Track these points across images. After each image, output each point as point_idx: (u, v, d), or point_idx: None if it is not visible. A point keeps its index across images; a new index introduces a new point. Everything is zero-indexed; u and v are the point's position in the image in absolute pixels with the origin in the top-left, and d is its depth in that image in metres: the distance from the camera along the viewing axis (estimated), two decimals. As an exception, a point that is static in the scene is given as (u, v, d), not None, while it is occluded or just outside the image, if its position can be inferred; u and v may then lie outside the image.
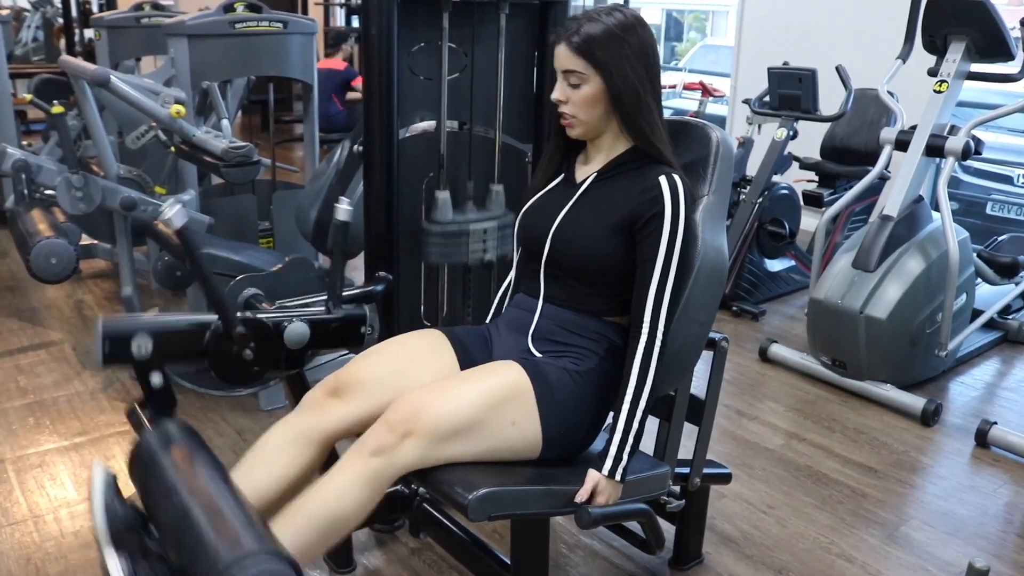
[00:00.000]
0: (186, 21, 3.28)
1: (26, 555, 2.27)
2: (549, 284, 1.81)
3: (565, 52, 1.69)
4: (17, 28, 8.38)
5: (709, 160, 1.83)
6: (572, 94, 1.72)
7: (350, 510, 1.58)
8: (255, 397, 3.05)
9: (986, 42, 3.28)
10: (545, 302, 1.81)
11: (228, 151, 2.72)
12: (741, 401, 3.30)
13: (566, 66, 1.70)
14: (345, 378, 1.76)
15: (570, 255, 1.76)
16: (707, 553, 2.33)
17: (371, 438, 1.60)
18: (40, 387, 3.23)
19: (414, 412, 1.60)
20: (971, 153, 3.30)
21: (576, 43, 1.67)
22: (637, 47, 1.69)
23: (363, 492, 1.58)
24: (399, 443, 1.58)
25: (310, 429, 1.73)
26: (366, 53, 2.34)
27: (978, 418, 3.06)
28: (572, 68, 1.69)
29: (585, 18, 1.69)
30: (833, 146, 4.60)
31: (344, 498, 1.57)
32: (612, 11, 1.71)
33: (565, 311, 1.79)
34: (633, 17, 1.71)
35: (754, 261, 4.35)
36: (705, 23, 17.27)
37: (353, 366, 1.79)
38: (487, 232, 2.58)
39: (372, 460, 1.58)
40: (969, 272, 3.49)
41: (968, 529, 2.51)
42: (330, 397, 1.75)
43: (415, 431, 1.58)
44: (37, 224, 2.94)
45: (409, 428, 1.58)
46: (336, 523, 1.58)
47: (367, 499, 1.59)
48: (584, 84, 1.70)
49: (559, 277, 1.80)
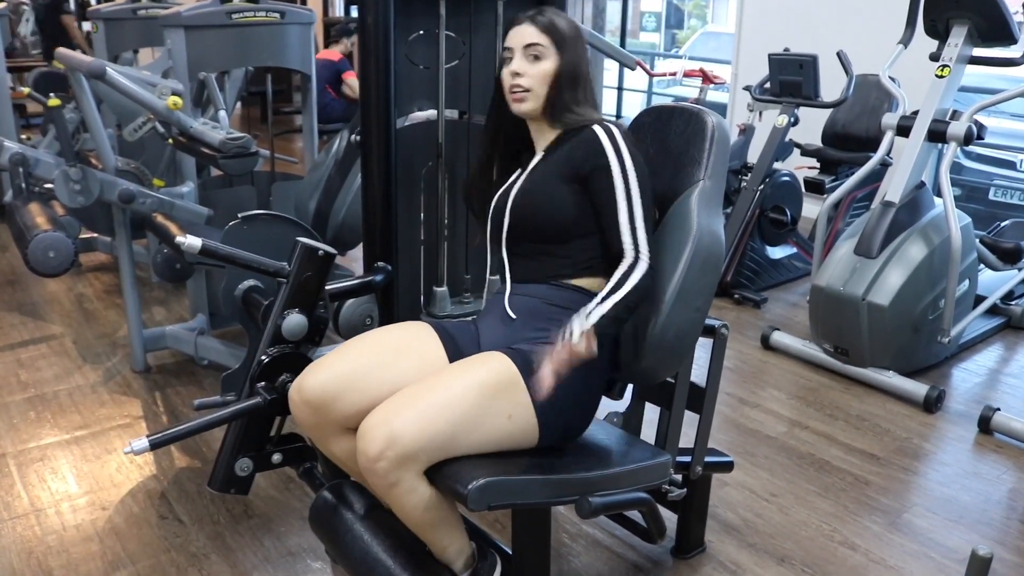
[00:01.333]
0: (182, 12, 3.26)
1: (28, 549, 2.27)
2: (516, 262, 1.85)
3: (531, 29, 1.81)
4: (15, 22, 8.35)
5: (704, 145, 1.83)
6: (531, 67, 1.80)
7: (424, 505, 1.65)
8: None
9: (988, 26, 3.26)
10: (514, 281, 1.84)
11: (225, 142, 2.70)
12: (743, 389, 3.30)
13: (529, 40, 1.80)
14: (316, 392, 1.74)
15: (528, 219, 1.81)
16: (709, 541, 2.33)
17: (373, 477, 1.60)
18: (41, 381, 3.23)
19: (388, 440, 1.57)
20: (973, 138, 3.28)
21: (542, 21, 1.81)
22: (581, 35, 1.87)
23: (413, 498, 1.63)
24: (394, 470, 1.58)
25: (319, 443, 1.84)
26: (363, 42, 2.33)
27: (981, 404, 3.05)
28: (536, 42, 1.80)
29: (547, 10, 1.85)
30: (834, 132, 4.58)
31: (412, 509, 1.65)
32: (562, 12, 1.90)
33: (537, 285, 1.81)
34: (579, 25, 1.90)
35: (756, 248, 4.34)
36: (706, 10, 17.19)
37: (332, 363, 1.78)
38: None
39: (392, 491, 1.61)
40: (972, 258, 3.48)
41: (971, 516, 2.51)
42: (313, 413, 1.76)
43: (392, 458, 1.57)
44: (35, 217, 2.94)
45: (387, 457, 1.57)
46: (430, 517, 1.67)
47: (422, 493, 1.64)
48: (544, 58, 1.80)
49: (525, 252, 1.83)
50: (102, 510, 2.43)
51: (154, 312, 3.90)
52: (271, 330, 2.13)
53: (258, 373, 2.10)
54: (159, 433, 1.99)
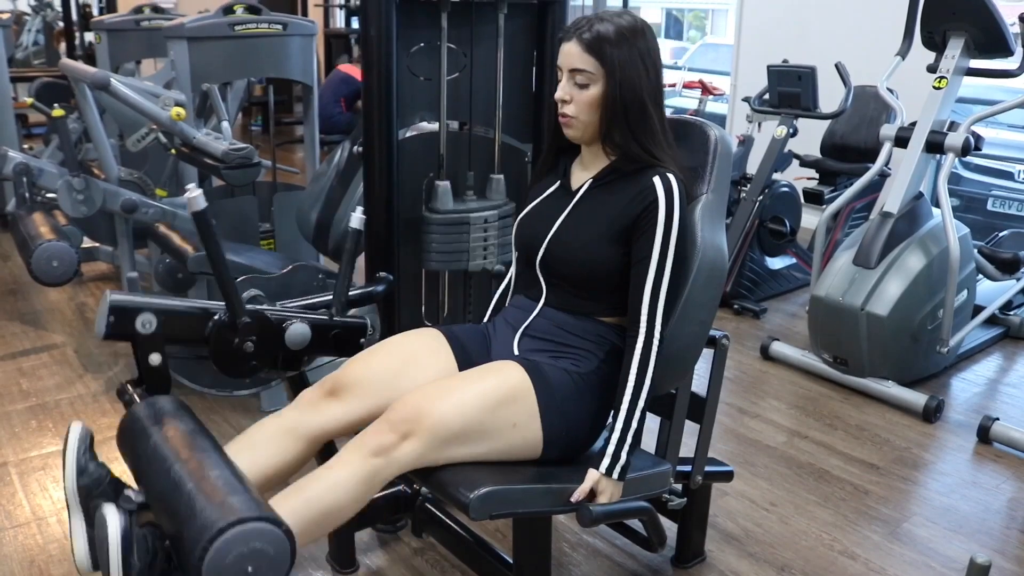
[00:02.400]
0: (186, 23, 3.29)
1: (30, 557, 2.27)
2: (549, 289, 1.82)
3: (576, 50, 1.67)
4: (18, 32, 8.38)
5: (707, 159, 1.83)
6: (577, 94, 1.70)
7: (344, 503, 1.59)
8: (257, 398, 3.05)
9: (985, 38, 3.28)
10: (545, 305, 1.82)
11: (228, 153, 2.72)
12: (743, 399, 3.30)
13: (575, 65, 1.68)
14: (343, 379, 1.77)
15: (566, 262, 1.77)
16: (709, 551, 2.33)
17: (371, 436, 1.60)
18: (42, 390, 3.24)
19: (416, 413, 1.60)
20: (971, 149, 3.30)
21: (587, 40, 1.65)
22: (645, 51, 1.69)
23: (359, 488, 1.59)
24: (399, 443, 1.58)
25: (301, 426, 1.74)
26: (365, 54, 2.35)
27: (980, 414, 3.06)
28: (581, 67, 1.67)
29: (596, 18, 1.68)
30: (833, 143, 4.60)
31: (339, 491, 1.58)
32: (622, 14, 1.71)
33: (563, 314, 1.79)
34: (641, 22, 1.71)
35: (755, 259, 4.35)
36: (705, 21, 17.27)
37: (351, 366, 1.80)
38: (488, 221, 2.57)
39: (371, 459, 1.58)
40: (970, 268, 3.49)
41: (971, 525, 2.51)
42: (326, 397, 1.76)
43: (416, 432, 1.59)
44: (39, 227, 2.95)
45: (410, 428, 1.59)
46: (329, 514, 1.59)
47: (362, 495, 1.60)
48: (592, 84, 1.68)
49: (555, 283, 1.80)
50: (104, 519, 2.44)
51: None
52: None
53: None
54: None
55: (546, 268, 1.80)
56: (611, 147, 1.75)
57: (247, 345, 1.82)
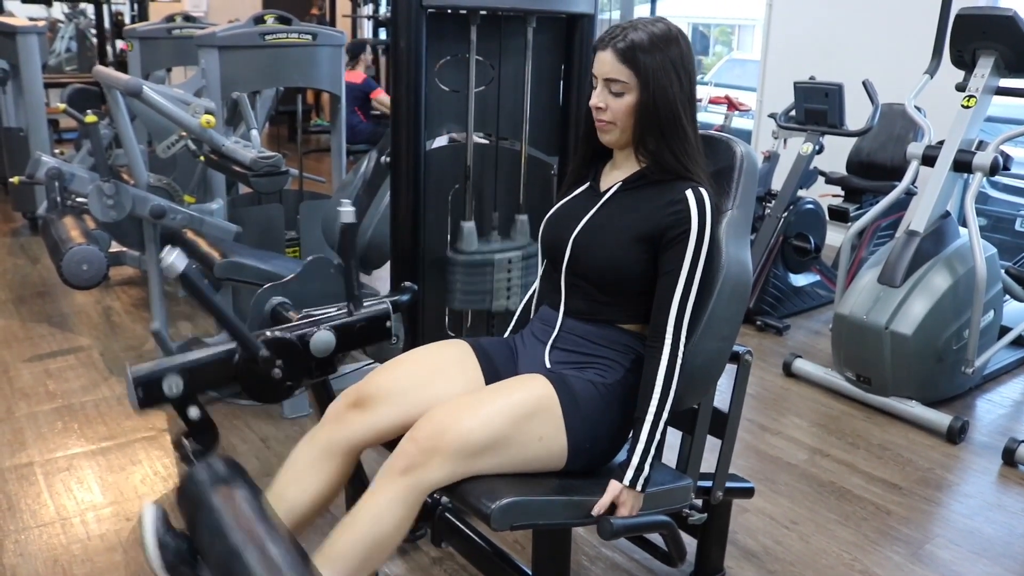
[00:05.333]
0: (217, 33, 3.32)
1: (53, 557, 2.30)
2: (569, 295, 1.82)
3: (610, 59, 1.68)
4: (52, 39, 8.52)
5: (733, 174, 1.83)
6: (612, 102, 1.71)
7: (390, 530, 1.61)
8: (279, 405, 3.08)
9: (1015, 57, 3.26)
10: (565, 315, 1.82)
11: (257, 161, 2.75)
12: (765, 416, 3.29)
13: (609, 74, 1.69)
14: (368, 389, 1.78)
15: (589, 264, 1.77)
16: (729, 567, 2.32)
17: (399, 457, 1.61)
18: (68, 391, 3.28)
19: (440, 430, 1.61)
20: (999, 169, 3.28)
21: (622, 49, 1.67)
22: (678, 59, 1.70)
23: (399, 511, 1.60)
24: (427, 461, 1.59)
25: (335, 442, 1.76)
26: (394, 65, 2.37)
27: (1005, 436, 3.03)
28: (616, 77, 1.68)
29: (630, 26, 1.69)
30: (859, 161, 4.58)
31: (383, 520, 1.60)
32: (656, 22, 1.72)
33: (586, 324, 1.79)
34: (676, 30, 1.72)
35: (779, 275, 4.34)
36: (731, 37, 17.25)
37: (376, 376, 1.80)
38: (512, 262, 2.60)
39: (402, 479, 1.60)
40: (997, 289, 3.46)
41: (995, 548, 2.48)
42: (352, 408, 1.77)
43: (441, 448, 1.59)
44: (69, 231, 3.00)
45: (435, 445, 1.59)
46: (378, 545, 1.61)
47: (404, 517, 1.61)
48: (627, 93, 1.69)
49: (579, 287, 1.80)
50: (126, 521, 2.46)
51: (180, 327, 3.94)
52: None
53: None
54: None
55: (570, 270, 1.80)
56: (644, 154, 1.76)
57: (275, 372, 1.84)
